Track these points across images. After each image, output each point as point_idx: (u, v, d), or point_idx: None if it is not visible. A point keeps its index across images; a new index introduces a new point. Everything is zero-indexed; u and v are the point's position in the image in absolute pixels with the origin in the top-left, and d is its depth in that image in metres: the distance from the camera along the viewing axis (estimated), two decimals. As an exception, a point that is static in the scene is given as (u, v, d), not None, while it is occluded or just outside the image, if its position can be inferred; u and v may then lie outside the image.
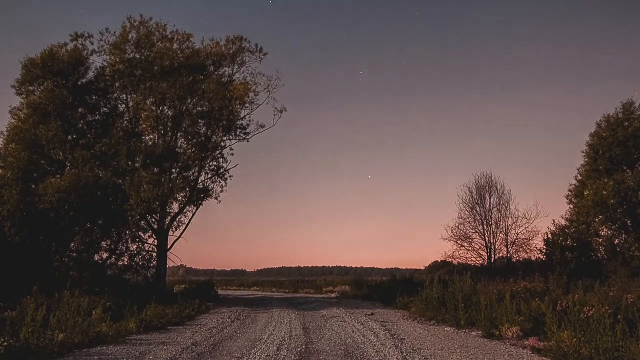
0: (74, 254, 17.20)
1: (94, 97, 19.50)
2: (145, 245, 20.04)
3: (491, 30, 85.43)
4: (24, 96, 18.64)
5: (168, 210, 20.75)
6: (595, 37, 78.60)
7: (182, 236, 21.46)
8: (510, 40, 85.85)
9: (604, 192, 17.96)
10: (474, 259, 20.74)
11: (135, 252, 19.46)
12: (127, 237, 19.00)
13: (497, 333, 9.73)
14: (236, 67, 22.20)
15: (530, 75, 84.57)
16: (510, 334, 9.38)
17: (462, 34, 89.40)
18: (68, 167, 17.93)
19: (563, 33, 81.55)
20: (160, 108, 21.02)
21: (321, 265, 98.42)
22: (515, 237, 20.41)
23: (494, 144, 79.55)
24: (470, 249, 20.84)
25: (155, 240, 20.56)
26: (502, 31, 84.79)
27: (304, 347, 8.58)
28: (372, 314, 14.50)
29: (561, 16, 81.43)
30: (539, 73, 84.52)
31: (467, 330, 10.70)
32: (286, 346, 8.64)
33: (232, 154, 23.14)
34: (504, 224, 20.61)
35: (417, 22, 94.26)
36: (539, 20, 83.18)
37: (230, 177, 23.07)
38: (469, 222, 21.02)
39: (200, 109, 22.05)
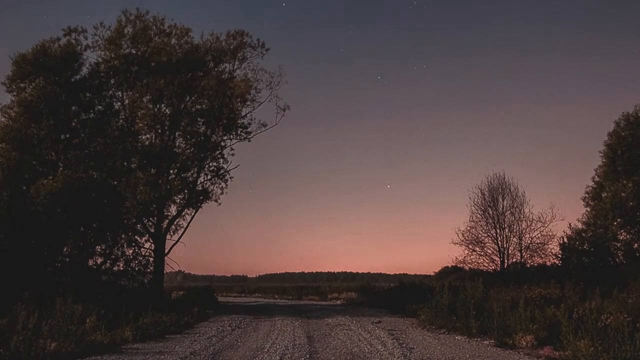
0: (67, 259, 16.91)
1: (88, 95, 19.10)
2: (142, 249, 19.70)
3: (504, 32, 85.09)
4: (15, 93, 18.21)
5: (165, 213, 20.68)
6: (611, 34, 78.23)
7: (180, 240, 21.35)
8: (524, 38, 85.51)
9: (623, 194, 17.81)
10: (486, 264, 20.23)
11: (131, 256, 19.08)
12: (123, 241, 18.61)
13: (510, 342, 9.56)
14: (237, 63, 22.03)
15: (543, 72, 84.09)
16: (524, 343, 9.22)
17: (478, 35, 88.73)
18: (61, 168, 17.62)
19: (579, 31, 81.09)
20: (158, 106, 20.88)
21: (326, 271, 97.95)
22: (529, 241, 19.85)
23: (507, 143, 78.65)
24: (482, 253, 20.30)
25: (152, 245, 20.42)
26: (516, 31, 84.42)
27: (307, 356, 8.45)
28: (379, 321, 14.27)
29: (576, 15, 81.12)
30: (552, 70, 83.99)
31: (478, 339, 10.52)
32: (289, 355, 8.56)
33: (233, 154, 22.99)
34: (517, 228, 20.02)
35: (429, 26, 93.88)
36: (553, 20, 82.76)
37: (230, 178, 22.88)
38: (481, 226, 20.45)
39: (199, 106, 21.85)
